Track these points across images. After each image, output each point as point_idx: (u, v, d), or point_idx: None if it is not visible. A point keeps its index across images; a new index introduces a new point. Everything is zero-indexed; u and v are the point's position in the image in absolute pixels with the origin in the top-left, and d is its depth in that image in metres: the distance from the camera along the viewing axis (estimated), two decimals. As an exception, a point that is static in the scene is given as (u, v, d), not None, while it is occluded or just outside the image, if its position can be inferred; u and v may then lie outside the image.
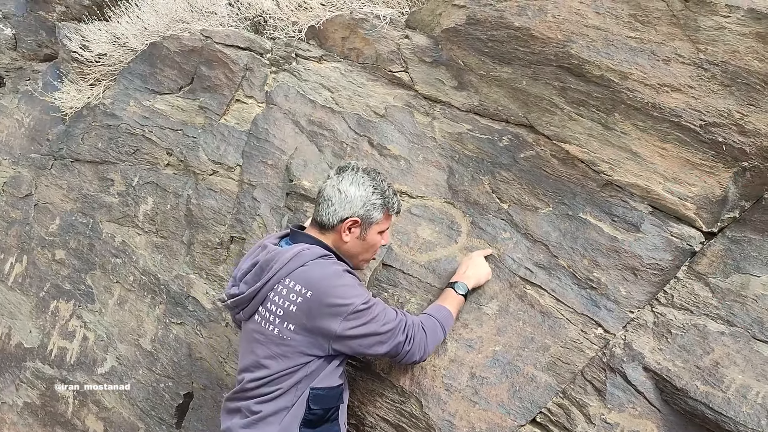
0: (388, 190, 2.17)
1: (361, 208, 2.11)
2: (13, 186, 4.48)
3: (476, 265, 2.33)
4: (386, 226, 2.22)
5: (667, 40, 2.15)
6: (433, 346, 2.15)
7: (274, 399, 2.02)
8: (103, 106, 3.95)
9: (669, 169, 2.18)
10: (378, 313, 2.01)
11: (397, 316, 2.06)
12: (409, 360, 2.09)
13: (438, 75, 2.76)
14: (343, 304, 1.95)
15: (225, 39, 3.47)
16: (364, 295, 2.00)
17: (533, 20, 2.39)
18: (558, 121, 2.40)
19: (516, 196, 2.46)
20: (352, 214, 2.11)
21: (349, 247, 2.16)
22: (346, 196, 2.11)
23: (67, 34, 4.58)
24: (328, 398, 2.06)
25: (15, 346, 3.92)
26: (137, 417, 3.24)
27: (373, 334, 1.99)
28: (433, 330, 2.14)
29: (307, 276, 2.00)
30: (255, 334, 2.08)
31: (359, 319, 1.96)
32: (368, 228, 2.15)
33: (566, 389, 2.13)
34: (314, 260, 2.04)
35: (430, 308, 2.25)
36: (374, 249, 2.23)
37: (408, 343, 2.05)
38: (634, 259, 2.20)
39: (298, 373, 2.01)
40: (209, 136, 3.33)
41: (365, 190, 2.12)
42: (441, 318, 2.19)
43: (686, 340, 2.01)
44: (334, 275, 2.01)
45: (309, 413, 2.01)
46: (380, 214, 2.15)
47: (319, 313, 1.96)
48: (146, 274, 3.38)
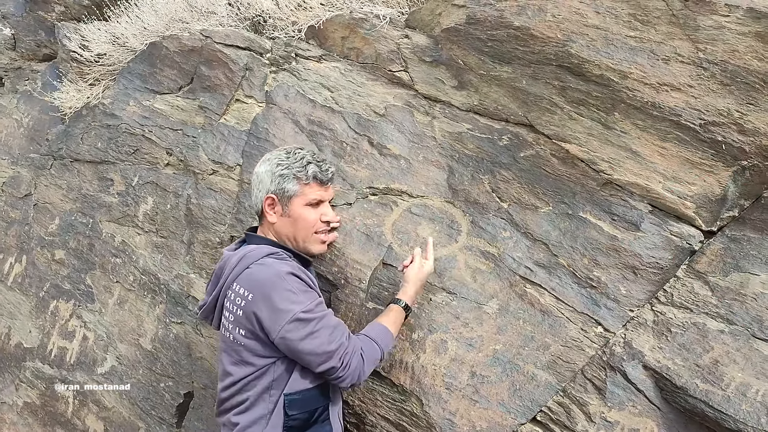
0: (299, 161, 2.14)
1: (271, 183, 2.12)
2: (12, 186, 4.48)
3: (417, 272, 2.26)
4: (313, 197, 2.17)
5: (666, 40, 2.16)
6: (369, 371, 2.05)
7: (248, 409, 2.00)
8: (103, 105, 3.95)
9: (669, 168, 2.19)
10: (319, 329, 1.93)
11: (338, 337, 1.97)
12: (339, 384, 2.00)
13: (438, 74, 2.77)
14: (282, 308, 1.90)
15: (225, 39, 3.48)
16: (305, 303, 1.94)
17: (533, 20, 2.39)
18: (558, 121, 2.40)
19: (516, 196, 2.46)
20: (267, 192, 2.12)
21: (279, 227, 2.15)
22: (258, 176, 2.15)
23: (66, 33, 4.58)
24: (308, 400, 2.02)
25: (15, 346, 3.91)
26: (137, 417, 3.24)
27: (311, 353, 1.92)
28: (373, 357, 2.06)
29: (250, 279, 1.97)
30: (222, 342, 2.10)
31: (297, 331, 1.90)
32: (288, 202, 2.13)
33: (566, 388, 2.14)
34: (258, 261, 2.01)
35: (373, 328, 2.15)
36: (311, 224, 2.17)
37: (342, 370, 1.95)
38: (634, 258, 2.20)
39: (264, 378, 1.99)
40: (209, 136, 3.33)
41: (270, 165, 2.14)
42: (381, 342, 2.10)
43: (686, 339, 2.02)
44: (275, 277, 1.95)
45: (289, 420, 1.98)
46: (293, 184, 2.12)
47: (259, 316, 1.92)
48: (146, 274, 3.39)
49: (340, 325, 2.02)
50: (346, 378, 1.97)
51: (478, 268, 2.42)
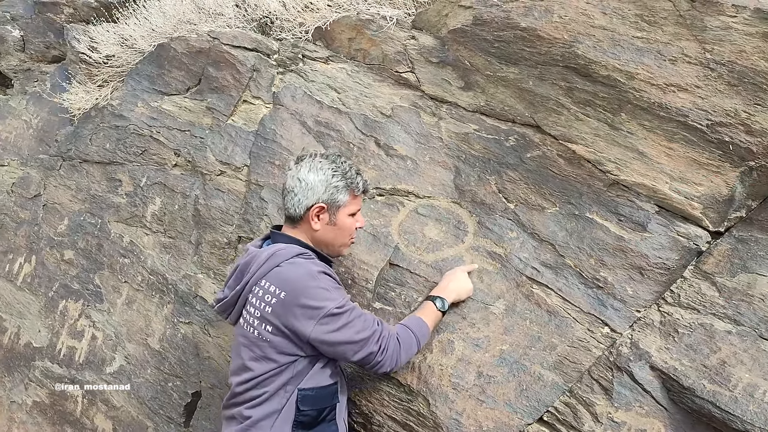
0: (349, 171, 2.17)
1: (324, 192, 2.11)
2: (21, 186, 4.50)
3: (459, 281, 2.33)
4: (356, 207, 2.22)
5: (673, 40, 2.16)
6: (406, 358, 2.13)
7: (263, 403, 2.02)
8: (111, 107, 3.98)
9: (675, 169, 2.19)
10: (352, 319, 1.98)
11: (372, 325, 2.03)
12: (378, 370, 2.06)
13: (444, 75, 2.77)
14: (316, 306, 1.93)
15: (232, 40, 3.49)
16: (338, 300, 1.98)
17: (540, 21, 2.40)
18: (564, 121, 2.40)
19: (522, 196, 2.47)
20: (317, 201, 2.11)
21: (321, 234, 2.16)
22: (307, 183, 2.11)
23: (75, 35, 4.61)
24: (320, 398, 2.05)
25: (24, 345, 3.94)
26: (146, 416, 3.25)
27: (346, 342, 1.97)
28: (408, 343, 2.12)
29: (281, 277, 1.99)
30: (240, 337, 2.11)
31: (332, 324, 1.94)
32: (336, 212, 2.15)
33: (573, 388, 2.14)
34: (289, 260, 2.03)
35: (409, 320, 2.22)
36: (349, 233, 2.22)
37: (380, 354, 2.02)
38: (641, 259, 2.20)
39: (284, 374, 2.01)
40: (217, 137, 3.35)
41: (324, 174, 2.12)
42: (418, 332, 2.16)
43: (693, 339, 2.01)
44: (308, 276, 1.98)
45: (300, 415, 2.01)
46: (345, 195, 2.15)
47: (292, 314, 1.95)
48: (154, 274, 3.40)
49: (371, 315, 2.09)
50: (384, 363, 2.03)
51: (484, 269, 2.42)
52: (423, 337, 2.18)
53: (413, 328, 2.16)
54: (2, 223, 4.48)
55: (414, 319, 2.21)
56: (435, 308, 2.26)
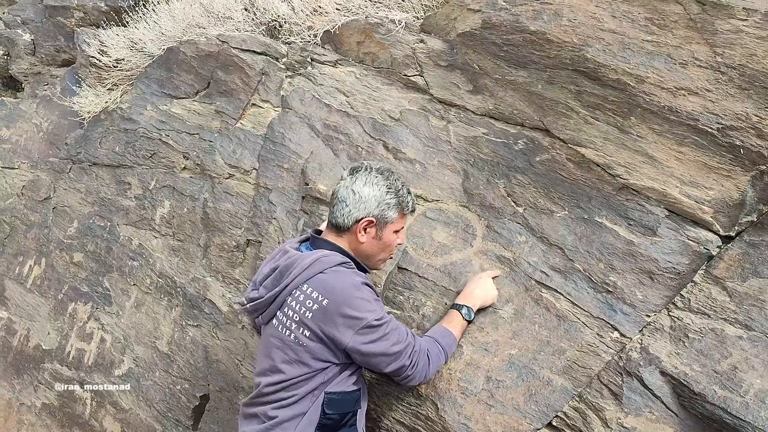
0: (402, 189, 2.17)
1: (376, 208, 2.11)
2: (31, 189, 4.53)
3: (485, 287, 2.32)
4: (401, 225, 2.22)
5: (683, 44, 2.15)
6: (434, 371, 2.14)
7: (291, 405, 2.02)
8: (121, 110, 4.00)
9: (686, 173, 2.18)
10: (389, 331, 1.99)
11: (406, 338, 2.04)
12: (407, 383, 2.09)
13: (453, 79, 2.77)
14: (357, 317, 1.94)
15: (241, 44, 3.50)
16: (378, 312, 1.99)
17: (549, 24, 2.39)
18: (573, 125, 2.40)
19: (531, 200, 2.46)
20: (367, 215, 2.11)
21: (365, 247, 2.16)
22: (360, 196, 2.11)
23: (85, 39, 4.63)
24: (344, 403, 2.06)
25: (33, 347, 3.96)
26: (154, 418, 3.26)
27: (382, 354, 1.98)
28: (437, 357, 2.13)
29: (325, 284, 1.99)
30: (272, 338, 2.09)
31: (370, 335, 1.95)
32: (383, 228, 2.15)
33: (582, 393, 2.13)
34: (333, 267, 2.03)
35: (437, 331, 2.21)
36: (391, 249, 2.23)
37: (411, 368, 2.03)
38: (651, 263, 2.19)
39: (315, 379, 2.01)
40: (225, 140, 3.36)
41: (379, 190, 2.12)
42: (445, 345, 2.17)
43: (704, 345, 2.00)
44: (351, 286, 1.99)
45: (324, 417, 2.01)
46: (395, 213, 2.15)
47: (332, 322, 1.95)
48: (163, 277, 3.41)
49: (405, 328, 2.09)
50: (414, 377, 2.05)
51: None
52: (450, 348, 2.19)
53: (440, 340, 2.16)
54: (12, 226, 4.51)
55: (441, 330, 2.21)
56: (461, 317, 2.26)
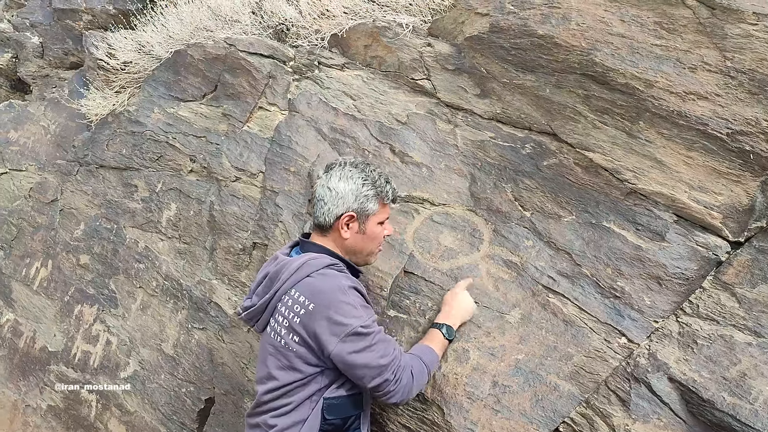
0: (379, 179, 2.16)
1: (354, 201, 2.11)
2: (39, 191, 4.54)
3: (461, 303, 2.29)
4: (385, 215, 2.21)
5: (693, 48, 2.14)
6: (416, 390, 2.09)
7: (289, 413, 2.01)
8: (128, 113, 4.01)
9: (695, 178, 2.16)
10: (376, 342, 1.96)
11: (393, 352, 1.99)
12: (388, 399, 2.00)
13: (460, 83, 2.77)
14: (342, 322, 1.91)
15: (248, 47, 3.51)
16: (364, 318, 1.96)
17: (557, 28, 2.39)
18: (581, 129, 2.39)
19: (539, 204, 2.45)
20: (347, 210, 2.11)
21: (350, 243, 2.15)
22: (337, 192, 2.11)
23: (93, 42, 4.65)
24: (344, 407, 2.04)
25: (39, 349, 3.97)
26: (159, 421, 3.26)
27: (366, 366, 1.93)
28: (420, 374, 2.08)
29: (312, 288, 1.98)
30: (267, 345, 2.09)
31: (355, 344, 1.92)
32: (366, 221, 2.15)
33: (590, 399, 2.11)
34: (320, 270, 2.02)
35: (419, 349, 2.17)
36: (378, 241, 2.22)
37: (394, 384, 1.97)
38: (659, 269, 2.17)
39: (310, 386, 2.00)
40: (232, 143, 3.36)
41: (354, 183, 2.12)
42: (428, 362, 2.13)
43: (712, 351, 1.98)
44: (338, 290, 1.97)
45: (324, 423, 2.00)
46: (375, 204, 2.14)
47: (318, 327, 1.93)
48: (169, 280, 3.41)
49: (392, 341, 2.05)
50: (396, 393, 1.99)
51: (500, 277, 2.40)
52: (432, 366, 2.16)
53: (425, 358, 2.13)
54: (20, 228, 4.52)
55: (423, 348, 2.18)
56: (442, 336, 2.24)
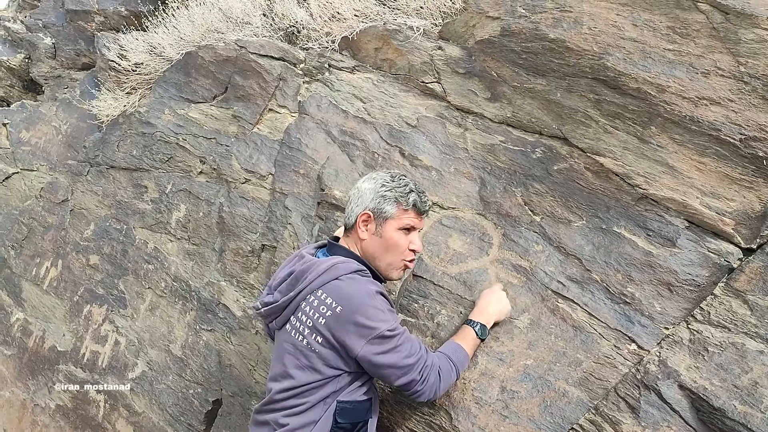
0: (401, 184, 2.14)
1: (371, 201, 2.11)
2: (50, 191, 4.57)
3: (499, 302, 2.29)
4: (405, 222, 2.13)
5: (706, 53, 2.12)
6: (444, 389, 2.08)
7: (302, 413, 2.00)
8: (139, 114, 4.02)
9: (707, 184, 2.15)
10: (402, 343, 1.96)
11: (419, 351, 2.00)
12: (416, 398, 2.02)
13: (471, 86, 2.76)
14: (369, 326, 1.91)
15: (259, 49, 3.52)
16: (391, 322, 1.95)
17: (568, 32, 2.38)
18: (592, 134, 2.37)
19: (549, 209, 2.44)
20: (364, 208, 2.12)
21: (367, 245, 2.14)
22: (360, 192, 2.15)
23: (105, 43, 4.68)
24: (356, 412, 2.03)
25: (49, 348, 3.98)
26: (167, 422, 3.26)
27: (392, 366, 1.94)
28: (448, 374, 2.08)
29: (340, 290, 1.97)
30: (285, 343, 2.08)
31: (382, 346, 1.92)
32: (383, 223, 2.12)
33: (599, 405, 2.10)
34: (349, 275, 2.02)
35: (449, 347, 2.17)
36: (399, 250, 2.14)
37: (421, 384, 1.98)
38: (670, 275, 2.16)
39: (327, 387, 1.99)
40: (242, 145, 3.37)
41: (375, 183, 2.14)
42: (457, 361, 2.13)
43: (724, 359, 1.96)
44: (366, 294, 1.96)
45: (336, 427, 1.99)
46: (392, 207, 2.11)
47: (344, 329, 1.92)
48: (178, 281, 3.42)
49: (418, 341, 2.05)
50: (424, 392, 2.00)
51: (509, 282, 2.39)
52: (461, 366, 2.15)
53: (452, 356, 2.12)
54: (30, 228, 4.55)
55: (453, 346, 2.17)
56: (475, 335, 2.22)
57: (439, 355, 2.11)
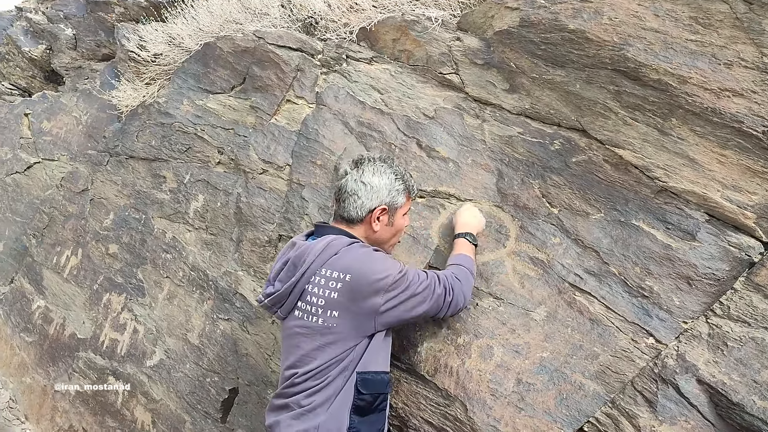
0: (406, 174, 2.27)
1: (387, 195, 2.19)
2: (70, 181, 4.62)
3: (474, 217, 2.47)
4: (408, 208, 2.33)
5: (729, 44, 2.09)
6: (470, 291, 2.26)
7: (323, 388, 2.02)
8: (158, 104, 4.05)
9: (728, 177, 2.12)
10: (412, 277, 2.06)
11: (427, 275, 2.12)
12: (454, 310, 2.19)
13: (489, 77, 2.74)
14: (381, 278, 1.99)
15: (277, 40, 3.52)
16: (397, 265, 2.06)
17: (588, 23, 2.35)
18: (612, 126, 2.35)
19: (567, 201, 2.42)
20: (380, 203, 2.18)
21: (379, 235, 2.22)
22: (372, 186, 2.18)
23: (125, 34, 4.71)
24: (377, 383, 2.06)
25: (69, 336, 4.04)
26: (184, 410, 3.30)
27: (413, 296, 2.04)
28: (466, 277, 2.24)
29: (342, 262, 2.04)
30: (297, 329, 2.10)
31: (398, 288, 2.01)
32: (395, 213, 2.23)
33: (615, 399, 2.08)
34: (345, 247, 2.09)
35: (456, 258, 2.33)
36: (401, 232, 2.33)
37: (449, 294, 2.14)
38: (689, 268, 2.13)
39: (346, 360, 2.02)
40: (260, 136, 3.38)
41: (388, 178, 2.20)
42: (468, 265, 2.29)
43: (743, 354, 1.94)
44: (365, 255, 2.06)
45: (358, 398, 2.01)
46: (403, 198, 2.24)
47: (360, 293, 1.99)
48: (195, 270, 3.45)
49: (420, 271, 2.17)
50: (457, 300, 2.17)
51: (526, 274, 2.38)
52: (473, 268, 2.31)
53: (464, 263, 2.29)
54: (51, 216, 4.60)
55: (459, 256, 2.33)
56: (468, 242, 2.39)
57: (450, 267, 2.30)
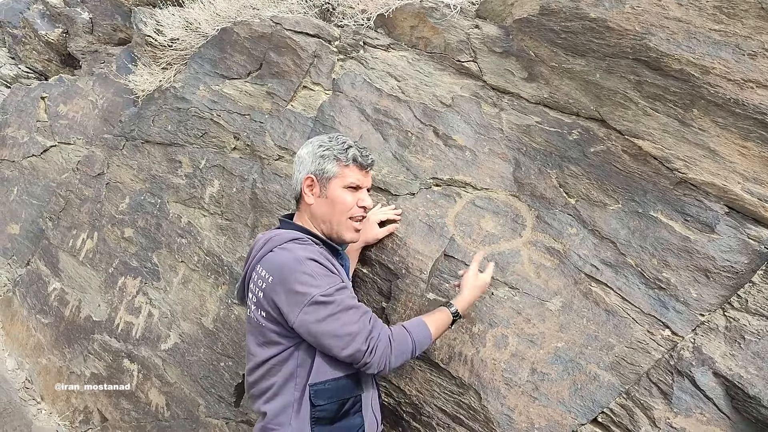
0: (336, 142, 2.16)
1: (311, 163, 2.14)
2: (86, 165, 4.65)
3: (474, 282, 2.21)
4: (350, 180, 2.14)
5: (754, 34, 2.06)
6: (397, 362, 1.96)
7: (275, 396, 1.96)
8: (174, 89, 4.05)
9: (749, 169, 2.10)
10: (339, 311, 1.86)
11: (360, 320, 1.89)
12: (366, 371, 1.92)
13: (507, 66, 2.72)
14: (300, 292, 1.85)
15: (294, 26, 3.51)
16: (323, 287, 1.87)
17: (610, 11, 2.32)
18: (631, 116, 2.33)
19: (584, 192, 2.41)
20: (306, 173, 2.14)
21: (316, 209, 2.14)
22: (299, 158, 2.19)
23: (142, 18, 4.72)
24: (336, 391, 1.95)
25: (84, 318, 4.08)
26: (198, 393, 3.33)
27: (331, 335, 1.85)
28: (402, 346, 1.96)
29: (272, 262, 1.94)
30: (246, 323, 2.11)
31: (317, 313, 1.84)
32: (326, 183, 2.12)
33: (630, 390, 2.08)
34: (282, 245, 1.98)
35: (412, 322, 2.07)
36: (347, 208, 2.13)
37: (369, 354, 1.88)
38: (707, 261, 2.12)
39: (289, 363, 1.94)
40: (276, 122, 3.38)
41: (311, 146, 2.17)
42: (416, 335, 2.01)
43: (761, 347, 1.93)
44: (294, 261, 1.90)
45: (316, 411, 1.91)
46: (333, 165, 2.12)
47: (279, 299, 1.89)
48: (210, 255, 3.46)
49: (363, 310, 1.95)
50: (372, 364, 1.90)
51: (542, 264, 2.38)
52: (420, 343, 2.03)
53: (411, 330, 2.02)
54: (67, 200, 4.63)
55: (415, 321, 2.08)
56: (447, 313, 2.15)
57: (397, 327, 2.03)
